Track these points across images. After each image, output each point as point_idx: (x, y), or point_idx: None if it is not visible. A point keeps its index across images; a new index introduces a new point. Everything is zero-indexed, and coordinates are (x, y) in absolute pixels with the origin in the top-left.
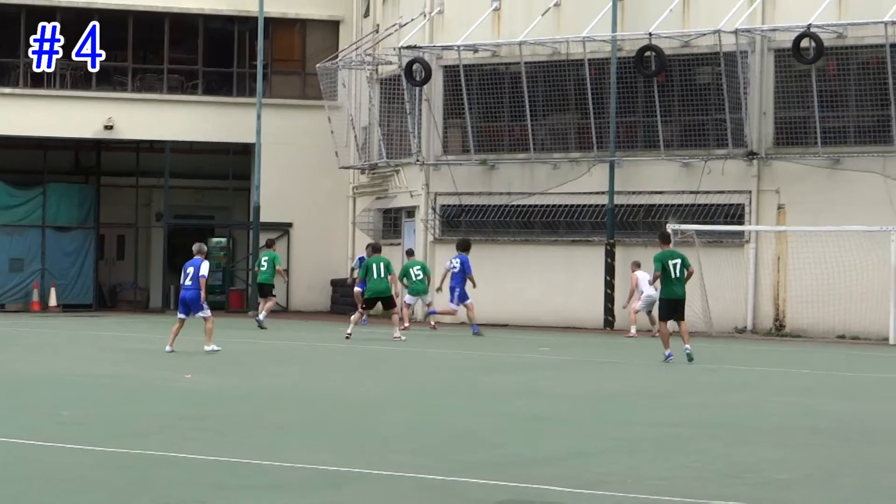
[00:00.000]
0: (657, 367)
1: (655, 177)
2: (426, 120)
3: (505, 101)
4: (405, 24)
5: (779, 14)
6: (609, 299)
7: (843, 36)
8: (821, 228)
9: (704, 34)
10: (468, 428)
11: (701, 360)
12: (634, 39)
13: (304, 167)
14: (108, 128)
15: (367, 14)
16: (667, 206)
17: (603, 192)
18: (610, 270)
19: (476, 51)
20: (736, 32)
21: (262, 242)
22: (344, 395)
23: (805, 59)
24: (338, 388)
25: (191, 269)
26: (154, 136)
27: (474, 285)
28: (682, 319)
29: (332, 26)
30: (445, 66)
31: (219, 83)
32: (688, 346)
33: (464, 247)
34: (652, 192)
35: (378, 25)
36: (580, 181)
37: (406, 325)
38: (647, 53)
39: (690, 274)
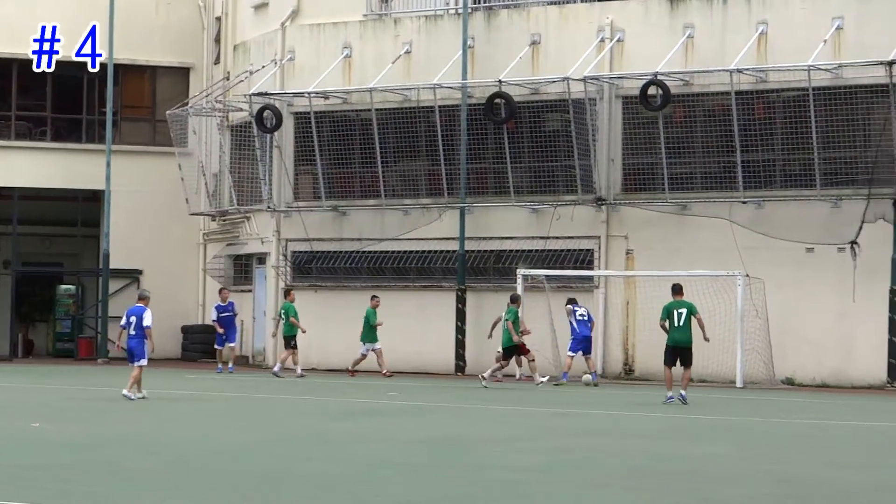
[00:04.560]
0: (508, 413)
1: (506, 223)
2: (277, 167)
3: (356, 148)
4: (256, 72)
5: (626, 62)
6: (460, 345)
7: (690, 83)
8: (668, 273)
9: (553, 81)
10: (321, 475)
11: (551, 404)
12: (484, 87)
13: (155, 214)
14: None
15: (217, 61)
16: (517, 251)
17: (454, 238)
18: (461, 316)
19: (327, 98)
20: (584, 80)
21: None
22: (197, 444)
23: (652, 106)
24: (190, 437)
25: (133, 318)
26: (1, 183)
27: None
28: (688, 367)
29: (183, 73)
30: (296, 113)
31: (68, 130)
32: (683, 391)
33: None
34: (502, 238)
35: (228, 73)
36: (431, 227)
37: (351, 372)
38: (497, 100)
39: (699, 320)
